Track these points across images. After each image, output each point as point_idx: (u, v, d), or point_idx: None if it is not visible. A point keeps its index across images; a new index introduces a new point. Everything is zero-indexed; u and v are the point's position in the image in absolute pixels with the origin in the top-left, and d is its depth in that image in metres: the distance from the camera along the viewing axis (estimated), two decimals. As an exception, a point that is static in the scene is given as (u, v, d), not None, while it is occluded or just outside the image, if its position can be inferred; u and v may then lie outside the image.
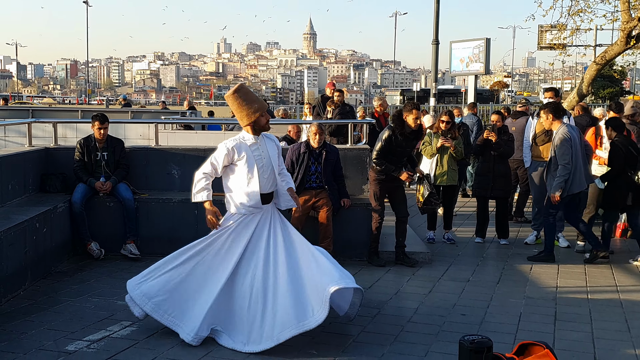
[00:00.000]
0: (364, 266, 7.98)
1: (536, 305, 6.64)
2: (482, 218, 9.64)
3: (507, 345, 5.33)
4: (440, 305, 6.58)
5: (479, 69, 34.76)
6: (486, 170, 9.31)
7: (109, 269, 7.65)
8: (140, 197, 8.38)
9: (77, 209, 8.04)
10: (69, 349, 5.19)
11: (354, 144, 9.94)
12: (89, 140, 8.43)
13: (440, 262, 8.31)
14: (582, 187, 8.41)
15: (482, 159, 9.40)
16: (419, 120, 7.94)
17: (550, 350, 4.64)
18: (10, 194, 7.76)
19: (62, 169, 8.61)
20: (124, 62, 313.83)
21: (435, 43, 23.89)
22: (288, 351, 5.20)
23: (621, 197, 8.41)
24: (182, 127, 17.12)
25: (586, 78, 18.76)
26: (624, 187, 8.38)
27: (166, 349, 5.24)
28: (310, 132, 8.24)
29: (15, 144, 13.79)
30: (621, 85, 53.18)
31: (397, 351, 5.30)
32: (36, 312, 6.07)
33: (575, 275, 7.88)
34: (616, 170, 8.42)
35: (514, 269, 8.14)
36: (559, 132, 8.30)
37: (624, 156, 8.35)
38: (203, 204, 5.65)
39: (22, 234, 6.75)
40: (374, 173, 8.16)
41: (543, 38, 32.63)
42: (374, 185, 8.20)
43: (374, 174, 8.16)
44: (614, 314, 6.44)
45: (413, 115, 7.85)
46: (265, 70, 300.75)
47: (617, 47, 17.63)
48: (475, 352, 4.48)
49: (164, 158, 8.96)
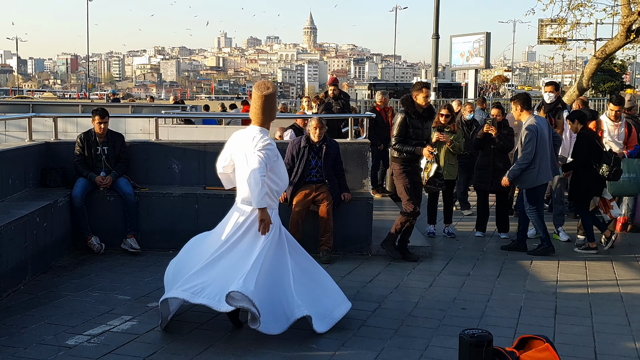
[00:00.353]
0: (364, 260, 7.99)
1: (536, 299, 6.65)
2: (482, 212, 9.64)
3: (507, 339, 5.34)
4: (440, 299, 6.58)
5: (479, 63, 34.73)
6: (486, 164, 9.30)
7: (110, 263, 7.65)
8: (140, 192, 8.38)
9: (77, 204, 8.04)
10: (69, 344, 5.19)
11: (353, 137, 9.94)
12: (89, 135, 8.43)
13: (440, 256, 8.31)
14: (549, 178, 8.50)
15: (482, 153, 9.40)
16: (428, 98, 7.91)
17: (551, 344, 4.64)
18: (10, 188, 7.75)
19: (63, 164, 8.60)
20: (125, 56, 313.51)
21: (435, 37, 23.87)
22: (287, 345, 5.20)
23: (587, 190, 8.56)
24: (183, 121, 17.15)
25: (586, 72, 18.74)
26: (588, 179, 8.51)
27: (166, 343, 5.24)
28: (310, 127, 8.23)
29: (15, 139, 13.84)
30: (621, 79, 53.24)
31: (398, 345, 5.31)
32: (36, 307, 6.07)
33: (576, 269, 7.89)
34: (580, 162, 8.55)
35: (514, 263, 8.14)
36: (526, 122, 8.44)
37: (589, 149, 8.47)
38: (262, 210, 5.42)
39: (23, 229, 6.75)
40: (398, 165, 7.99)
41: (543, 32, 32.68)
42: (402, 179, 7.98)
43: (399, 166, 7.99)
44: (614, 307, 6.44)
45: (423, 94, 7.82)
46: (265, 64, 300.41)
47: (617, 41, 17.61)
48: (476, 346, 4.48)
49: (164, 152, 8.95)
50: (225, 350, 5.13)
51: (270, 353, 5.07)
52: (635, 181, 8.70)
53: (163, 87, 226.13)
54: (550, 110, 9.56)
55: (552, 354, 4.59)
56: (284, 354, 5.07)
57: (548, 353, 4.59)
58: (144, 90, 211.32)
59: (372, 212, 8.38)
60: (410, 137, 7.89)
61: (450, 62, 38.51)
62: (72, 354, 5.00)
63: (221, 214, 5.86)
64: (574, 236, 9.22)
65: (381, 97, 13.07)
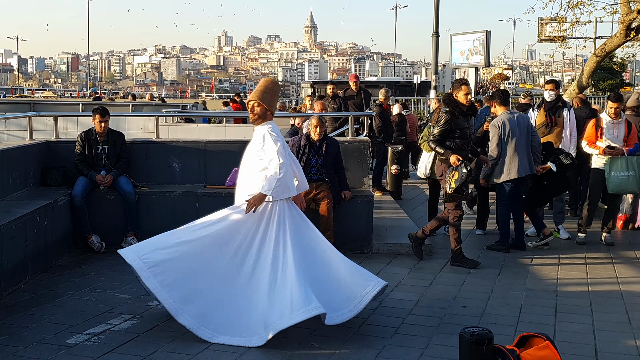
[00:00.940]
0: (364, 258, 7.98)
1: (537, 297, 6.65)
2: (483, 210, 9.63)
3: (507, 337, 5.34)
4: (441, 297, 6.58)
5: (479, 61, 34.70)
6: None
7: (110, 262, 7.64)
8: (141, 190, 8.38)
9: (77, 203, 8.04)
10: (70, 343, 5.19)
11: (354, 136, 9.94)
12: (89, 134, 8.43)
13: (441, 255, 8.31)
14: (519, 174, 8.43)
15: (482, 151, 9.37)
16: (469, 95, 7.83)
17: (551, 342, 4.64)
18: (11, 187, 7.76)
19: (63, 163, 8.61)
20: (125, 55, 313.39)
21: (435, 36, 23.90)
22: (288, 344, 5.20)
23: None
24: (183, 120, 17.17)
25: (586, 70, 18.75)
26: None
27: (167, 342, 5.24)
28: (310, 125, 8.22)
29: (16, 138, 13.83)
30: (621, 77, 53.19)
31: (398, 343, 5.31)
32: (37, 306, 6.08)
33: (576, 267, 7.89)
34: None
35: (514, 261, 8.14)
36: (496, 118, 8.60)
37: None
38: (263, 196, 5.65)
39: (23, 228, 6.75)
40: (445, 163, 7.81)
41: (543, 30, 32.65)
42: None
43: (445, 164, 7.81)
44: (615, 305, 6.45)
45: (463, 92, 7.76)
46: (266, 63, 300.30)
47: (616, 39, 17.62)
48: (476, 344, 4.49)
49: (165, 151, 8.95)
50: (226, 348, 5.13)
51: (271, 351, 5.07)
52: (634, 179, 8.68)
53: (164, 85, 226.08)
54: (550, 109, 9.53)
55: (553, 351, 4.59)
56: (285, 352, 5.07)
57: (548, 351, 4.60)
58: (144, 89, 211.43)
59: (372, 210, 8.38)
60: (454, 136, 7.74)
61: (450, 60, 38.49)
62: (72, 353, 5.00)
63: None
64: (574, 234, 9.22)
65: (385, 95, 13.05)
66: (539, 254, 8.40)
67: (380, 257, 8.11)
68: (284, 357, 4.99)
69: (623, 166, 8.69)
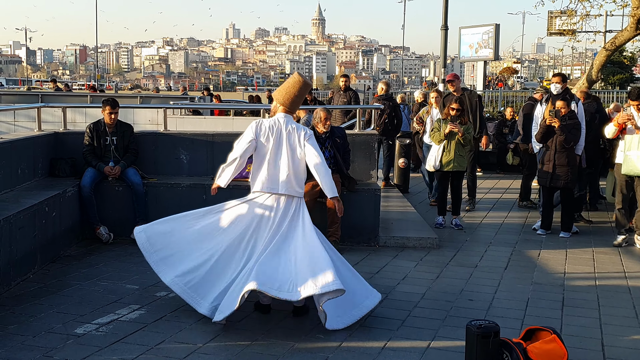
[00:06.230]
0: (371, 251, 7.99)
1: (544, 290, 6.65)
2: (546, 208, 9.31)
3: (514, 330, 5.34)
4: (447, 290, 6.58)
5: (488, 54, 34.60)
6: (547, 158, 8.99)
7: (118, 253, 7.68)
8: (149, 182, 8.40)
9: (86, 193, 8.07)
10: (78, 332, 5.22)
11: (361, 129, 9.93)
12: (98, 125, 8.45)
13: (448, 248, 8.31)
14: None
15: (544, 147, 9.08)
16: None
17: (558, 336, 4.65)
18: (20, 178, 7.79)
19: (72, 154, 8.64)
20: (133, 47, 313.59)
21: (444, 29, 23.79)
22: (295, 335, 5.22)
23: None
24: (191, 112, 17.20)
25: (596, 64, 18.66)
26: None
27: (175, 332, 5.26)
28: (318, 118, 8.21)
29: (24, 129, 13.86)
30: (631, 71, 52.83)
31: (404, 336, 5.32)
32: (45, 296, 6.11)
33: (583, 261, 7.88)
34: None
35: (521, 254, 8.14)
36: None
37: None
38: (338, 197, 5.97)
39: (32, 218, 6.78)
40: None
41: (552, 24, 32.53)
42: None
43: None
44: (622, 300, 6.44)
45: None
46: (274, 55, 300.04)
47: (627, 33, 17.53)
48: (483, 337, 4.49)
49: (173, 143, 8.97)
50: (232, 339, 5.15)
51: (277, 343, 5.09)
52: None
53: (171, 78, 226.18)
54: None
55: (559, 345, 4.60)
56: (291, 343, 5.09)
57: (555, 344, 4.60)
58: (152, 81, 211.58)
59: (379, 203, 8.38)
60: None
61: (459, 53, 38.39)
62: (80, 342, 5.03)
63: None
64: (583, 228, 9.20)
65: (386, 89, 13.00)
66: (546, 248, 8.39)
67: (387, 250, 8.12)
68: (289, 349, 5.00)
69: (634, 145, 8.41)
